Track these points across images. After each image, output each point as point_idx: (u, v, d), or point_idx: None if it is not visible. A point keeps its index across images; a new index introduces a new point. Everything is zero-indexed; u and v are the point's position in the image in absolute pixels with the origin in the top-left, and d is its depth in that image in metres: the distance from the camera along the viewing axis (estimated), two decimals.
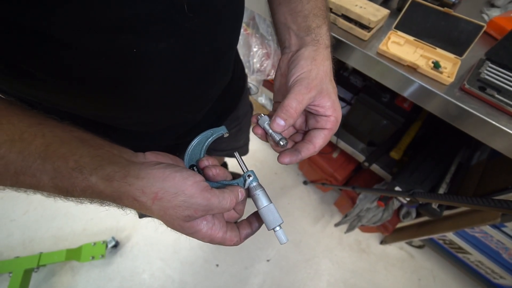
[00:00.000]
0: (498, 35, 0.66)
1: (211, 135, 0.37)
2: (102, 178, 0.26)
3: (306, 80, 0.33)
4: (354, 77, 1.13)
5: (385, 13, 0.63)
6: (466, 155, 0.97)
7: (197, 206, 0.28)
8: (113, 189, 0.26)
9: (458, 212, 0.94)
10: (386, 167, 1.02)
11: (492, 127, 0.53)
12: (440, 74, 0.57)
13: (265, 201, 0.33)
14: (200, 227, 0.29)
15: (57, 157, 0.25)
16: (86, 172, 0.26)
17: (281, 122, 0.32)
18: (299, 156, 0.35)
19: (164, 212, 0.27)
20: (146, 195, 0.27)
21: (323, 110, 0.35)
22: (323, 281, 1.33)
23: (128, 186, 0.26)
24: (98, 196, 0.27)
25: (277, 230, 0.33)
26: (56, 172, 0.25)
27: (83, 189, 0.26)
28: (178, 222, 0.28)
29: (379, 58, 0.62)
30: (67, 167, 0.25)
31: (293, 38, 0.38)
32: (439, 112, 0.61)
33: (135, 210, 0.28)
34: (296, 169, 1.65)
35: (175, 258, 1.35)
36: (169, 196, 0.27)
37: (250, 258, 1.36)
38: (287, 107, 0.32)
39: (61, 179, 0.25)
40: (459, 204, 0.52)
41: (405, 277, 1.36)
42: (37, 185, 0.26)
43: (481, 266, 1.12)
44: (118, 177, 0.26)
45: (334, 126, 0.36)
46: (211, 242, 0.31)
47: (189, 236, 0.30)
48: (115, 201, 0.27)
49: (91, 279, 1.28)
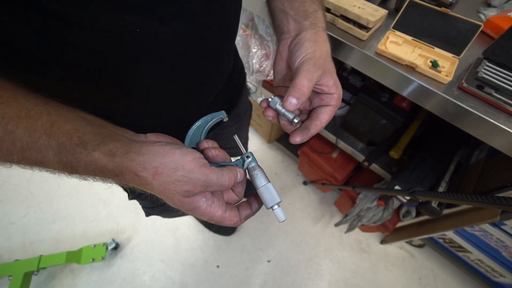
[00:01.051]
0: (495, 34, 0.66)
1: (211, 119, 0.38)
2: (104, 153, 0.27)
3: (312, 60, 0.35)
4: (353, 77, 1.13)
5: (383, 13, 0.63)
6: (465, 154, 0.98)
7: (195, 181, 0.28)
8: (115, 164, 0.27)
9: (458, 211, 0.95)
10: (385, 166, 1.03)
11: (491, 125, 0.54)
12: (439, 73, 0.58)
13: (263, 180, 0.34)
14: (199, 203, 0.30)
15: (62, 134, 0.26)
16: (90, 147, 0.26)
17: (294, 101, 0.33)
18: (309, 133, 0.36)
19: (164, 187, 0.28)
20: (147, 170, 0.27)
21: (327, 89, 0.37)
22: (324, 281, 1.33)
23: (130, 161, 0.27)
24: (101, 172, 0.27)
25: (275, 209, 0.34)
26: (61, 148, 0.26)
27: (87, 164, 0.27)
28: (178, 197, 0.28)
29: (378, 58, 0.62)
30: (71, 143, 0.26)
31: (291, 23, 0.40)
32: (438, 111, 0.61)
33: (136, 186, 0.29)
34: (296, 170, 1.65)
35: (175, 260, 1.35)
36: (169, 171, 0.27)
37: (251, 259, 1.36)
38: (299, 86, 0.33)
39: (65, 155, 0.26)
40: (459, 201, 0.53)
41: (405, 276, 1.36)
42: (42, 161, 0.26)
43: (481, 265, 1.13)
44: (120, 153, 0.27)
45: (337, 103, 0.38)
46: (210, 220, 0.32)
47: (189, 212, 0.31)
48: (117, 177, 0.28)
49: (91, 281, 1.28)
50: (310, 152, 1.31)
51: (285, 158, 1.71)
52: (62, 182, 1.52)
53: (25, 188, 1.52)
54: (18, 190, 1.52)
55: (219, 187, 0.30)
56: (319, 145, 1.32)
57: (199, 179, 0.28)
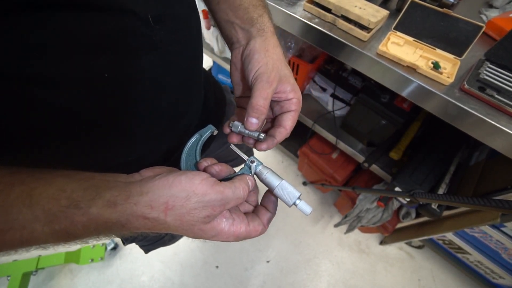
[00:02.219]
0: (497, 36, 0.66)
1: (200, 137, 0.37)
2: (103, 206, 0.24)
3: (265, 74, 0.35)
4: (353, 77, 1.13)
5: (384, 14, 0.63)
6: (465, 155, 0.98)
7: (213, 203, 0.26)
8: (118, 214, 0.24)
9: (458, 213, 0.95)
10: (385, 167, 1.02)
11: (492, 127, 0.53)
12: (440, 75, 0.58)
13: (276, 180, 0.33)
14: (221, 226, 0.28)
15: (46, 200, 0.23)
16: (84, 205, 0.23)
17: (254, 121, 0.34)
18: (274, 140, 0.36)
19: (180, 221, 0.25)
20: (156, 209, 0.25)
21: (285, 95, 0.37)
22: (323, 281, 1.32)
23: (134, 206, 0.24)
24: (104, 228, 0.25)
25: (298, 204, 0.33)
26: (49, 216, 0.23)
27: (85, 224, 0.24)
28: (199, 226, 0.26)
29: (379, 59, 0.62)
30: (60, 207, 0.23)
31: (239, 32, 0.39)
32: (439, 112, 0.61)
33: (149, 230, 0.26)
34: (296, 170, 1.65)
35: (174, 260, 1.34)
36: (181, 202, 0.25)
37: (250, 260, 1.36)
38: (256, 106, 0.33)
39: (57, 222, 0.23)
40: (459, 204, 0.52)
41: (405, 277, 1.36)
42: (31, 238, 0.23)
43: (481, 266, 1.13)
44: (121, 200, 0.24)
45: (298, 107, 0.38)
46: (237, 239, 0.30)
47: (213, 239, 0.29)
48: (124, 228, 0.25)
49: (90, 281, 1.27)
50: (309, 152, 1.31)
51: (285, 158, 1.70)
52: None
53: None
54: None
55: (237, 201, 0.29)
56: (319, 145, 1.32)
57: (215, 199, 0.26)
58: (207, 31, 1.22)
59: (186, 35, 0.37)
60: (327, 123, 1.13)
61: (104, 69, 0.27)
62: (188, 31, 0.37)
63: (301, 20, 0.69)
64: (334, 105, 1.13)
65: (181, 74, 0.38)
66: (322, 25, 0.68)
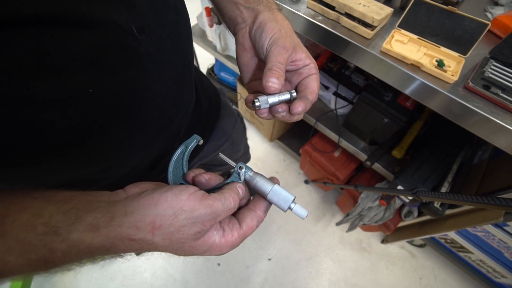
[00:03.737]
0: (502, 34, 0.65)
1: (186, 149, 0.35)
2: (85, 231, 0.22)
3: (280, 40, 0.34)
4: (356, 76, 1.13)
5: (388, 12, 0.63)
6: (468, 154, 0.97)
7: (203, 217, 0.25)
8: (102, 238, 0.22)
9: (460, 211, 0.94)
10: (388, 166, 1.02)
11: (496, 126, 0.53)
12: (444, 73, 0.57)
13: (268, 185, 0.32)
14: (212, 239, 0.27)
15: (19, 228, 0.21)
16: (63, 231, 0.21)
17: (275, 80, 0.32)
18: (309, 100, 0.34)
19: (170, 240, 0.24)
20: (142, 229, 0.23)
21: (302, 62, 0.36)
22: (325, 280, 1.33)
23: (119, 228, 0.23)
24: (87, 253, 0.23)
25: (293, 208, 0.31)
26: (24, 245, 0.21)
27: (65, 252, 0.22)
28: (189, 243, 0.25)
29: (383, 57, 0.62)
30: (37, 234, 0.21)
31: (244, 12, 0.38)
32: (443, 111, 0.61)
33: (136, 251, 0.25)
34: (298, 168, 1.65)
35: (176, 257, 1.35)
36: (169, 220, 0.24)
37: (252, 257, 1.36)
38: (274, 67, 0.32)
39: (33, 251, 0.21)
40: (462, 202, 0.52)
41: (406, 276, 1.36)
42: (3, 271, 0.21)
43: (483, 265, 1.12)
44: (103, 223, 0.23)
45: (317, 71, 0.37)
46: (233, 247, 0.29)
47: (206, 254, 0.27)
48: (109, 251, 0.24)
49: (93, 278, 1.28)
50: (312, 151, 1.31)
51: (287, 156, 1.70)
52: None
53: None
54: None
55: (227, 213, 0.28)
56: (321, 144, 1.32)
57: (205, 214, 0.25)
58: (210, 29, 1.21)
59: (173, 43, 0.35)
60: (329, 122, 1.13)
61: (88, 85, 0.25)
62: (176, 38, 0.36)
63: (304, 17, 0.69)
64: (336, 103, 1.13)
65: (169, 82, 0.37)
66: (326, 22, 0.68)
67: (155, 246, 0.24)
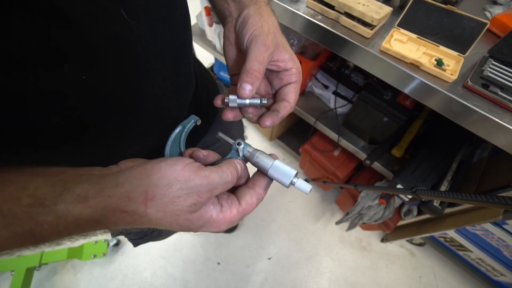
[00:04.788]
0: (501, 33, 0.66)
1: (183, 129, 0.34)
2: (72, 202, 0.21)
3: (261, 36, 0.32)
4: (356, 75, 1.13)
5: (388, 11, 0.63)
6: (468, 153, 0.97)
7: (198, 188, 0.24)
8: (91, 209, 0.21)
9: (459, 210, 0.95)
10: (387, 165, 1.03)
11: (495, 125, 0.53)
12: (443, 72, 0.57)
13: (268, 161, 0.30)
14: (209, 213, 0.25)
15: (3, 200, 0.20)
16: (49, 202, 0.20)
17: (248, 87, 0.31)
18: (279, 115, 0.34)
19: (163, 212, 0.23)
20: (135, 200, 0.22)
21: (284, 64, 0.34)
22: (324, 278, 1.33)
23: (109, 199, 0.22)
24: (76, 226, 0.22)
25: (296, 183, 0.30)
26: (8, 218, 0.20)
27: (52, 224, 0.21)
28: (184, 216, 0.24)
29: (382, 56, 0.62)
30: (21, 206, 0.20)
31: (231, 5, 0.37)
32: (442, 110, 0.61)
33: (128, 225, 0.23)
34: (297, 168, 1.65)
35: (176, 256, 1.35)
36: (162, 190, 0.22)
37: (252, 256, 1.37)
38: (251, 70, 0.31)
39: (19, 224, 0.20)
40: (461, 201, 0.52)
41: (406, 274, 1.36)
42: None
43: (482, 264, 1.13)
44: (93, 194, 0.22)
45: (298, 78, 0.35)
46: (231, 224, 0.27)
47: (202, 229, 0.26)
48: (99, 224, 0.22)
49: (92, 277, 1.28)
50: (311, 150, 1.31)
51: (287, 156, 1.70)
52: None
53: None
54: None
55: (225, 186, 0.26)
56: (321, 143, 1.32)
57: (201, 184, 0.24)
58: (209, 28, 1.21)
59: (169, 29, 0.34)
60: (329, 121, 1.13)
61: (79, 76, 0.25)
62: (172, 24, 0.35)
63: (304, 17, 0.69)
64: (336, 102, 1.13)
65: (165, 70, 0.36)
66: (325, 22, 0.68)
67: (148, 219, 0.23)
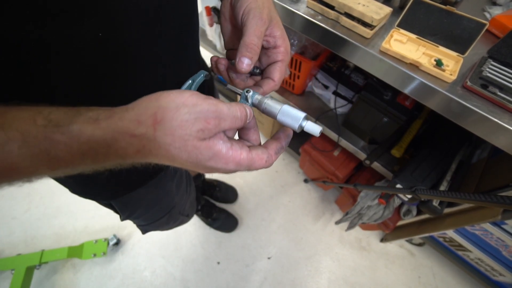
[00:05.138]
0: (500, 33, 0.66)
1: (192, 83, 0.34)
2: (85, 123, 0.22)
3: (257, 10, 0.32)
4: (356, 75, 1.13)
5: (387, 11, 0.63)
6: (467, 153, 0.98)
7: (206, 114, 0.24)
8: (102, 131, 0.22)
9: (459, 210, 0.95)
10: (387, 165, 1.03)
11: (495, 125, 0.53)
12: (443, 72, 0.58)
13: (277, 106, 0.31)
14: (218, 147, 0.25)
15: (20, 121, 0.21)
16: (63, 123, 0.21)
17: (247, 61, 0.31)
18: (260, 90, 0.34)
19: (172, 137, 0.23)
20: (144, 123, 0.22)
21: (274, 40, 0.34)
22: (324, 278, 1.33)
23: (119, 121, 0.22)
24: (89, 148, 0.22)
25: (305, 125, 0.30)
26: (26, 136, 0.20)
27: (67, 144, 0.21)
28: (192, 142, 0.23)
29: (382, 56, 0.62)
30: (37, 126, 0.21)
31: None
32: (441, 110, 0.61)
33: (136, 154, 0.23)
34: (297, 167, 1.65)
35: (176, 256, 1.35)
36: (171, 113, 0.22)
37: (251, 256, 1.37)
38: (250, 45, 0.31)
39: (35, 144, 0.21)
40: (460, 200, 0.53)
41: (405, 274, 1.37)
42: (10, 162, 0.20)
43: (481, 264, 1.13)
44: (104, 117, 0.22)
45: (285, 57, 0.35)
46: (238, 166, 0.26)
47: (210, 164, 0.25)
48: (110, 148, 0.23)
49: (92, 276, 1.29)
50: (311, 150, 1.31)
51: (286, 156, 1.71)
52: None
53: None
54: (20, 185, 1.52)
55: (233, 120, 0.26)
56: (321, 143, 1.32)
57: (208, 110, 0.24)
58: (210, 28, 1.22)
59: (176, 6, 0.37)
60: (329, 121, 1.13)
61: (96, 32, 0.28)
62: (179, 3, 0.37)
63: (304, 17, 0.69)
64: (336, 102, 1.13)
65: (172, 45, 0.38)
66: (325, 22, 0.68)
67: (157, 144, 0.23)
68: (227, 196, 1.50)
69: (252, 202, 1.52)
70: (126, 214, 0.62)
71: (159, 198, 0.64)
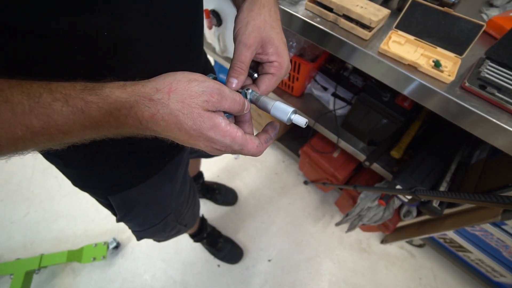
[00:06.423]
0: (497, 35, 0.66)
1: None
2: (114, 87, 0.27)
3: (243, 35, 0.35)
4: (354, 76, 1.13)
5: (385, 13, 0.63)
6: (466, 154, 0.98)
7: (211, 89, 0.28)
8: (127, 94, 0.27)
9: (459, 211, 0.95)
10: (386, 166, 1.03)
11: (493, 125, 0.54)
12: (441, 73, 0.58)
13: (270, 102, 0.35)
14: (218, 119, 0.29)
15: (62, 87, 0.25)
16: (97, 88, 0.26)
17: (235, 81, 0.35)
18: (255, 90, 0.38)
19: (182, 103, 0.27)
20: (161, 91, 0.27)
21: (266, 57, 0.37)
22: (325, 280, 1.33)
23: (142, 88, 0.27)
24: (115, 108, 0.26)
25: (293, 118, 0.34)
26: (67, 97, 0.25)
27: (99, 105, 0.26)
28: (198, 111, 0.28)
29: (380, 58, 0.63)
30: (76, 90, 0.25)
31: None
32: (440, 111, 0.61)
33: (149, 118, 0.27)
34: (297, 169, 1.65)
35: (176, 259, 1.35)
36: (184, 85, 0.28)
37: (252, 258, 1.36)
38: (235, 67, 0.35)
39: (73, 103, 0.25)
40: (460, 200, 0.53)
41: (406, 276, 1.36)
42: (49, 121, 0.24)
43: (481, 265, 1.13)
44: (129, 84, 0.28)
45: (277, 71, 0.37)
46: (233, 142, 0.30)
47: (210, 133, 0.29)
48: (132, 109, 0.27)
49: (92, 280, 1.28)
50: (311, 151, 1.31)
51: (286, 157, 1.71)
52: (63, 181, 1.52)
53: (26, 187, 1.52)
54: (19, 189, 1.51)
55: (232, 102, 0.30)
56: (320, 144, 1.32)
57: (213, 87, 0.28)
58: (209, 31, 1.22)
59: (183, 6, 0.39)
60: (328, 122, 1.13)
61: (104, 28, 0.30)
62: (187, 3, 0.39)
63: (303, 19, 0.70)
64: (335, 104, 1.14)
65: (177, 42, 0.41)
66: (324, 24, 0.68)
67: (169, 109, 0.27)
68: (227, 198, 1.50)
69: (252, 204, 1.52)
70: (122, 213, 0.62)
71: (156, 199, 0.64)
